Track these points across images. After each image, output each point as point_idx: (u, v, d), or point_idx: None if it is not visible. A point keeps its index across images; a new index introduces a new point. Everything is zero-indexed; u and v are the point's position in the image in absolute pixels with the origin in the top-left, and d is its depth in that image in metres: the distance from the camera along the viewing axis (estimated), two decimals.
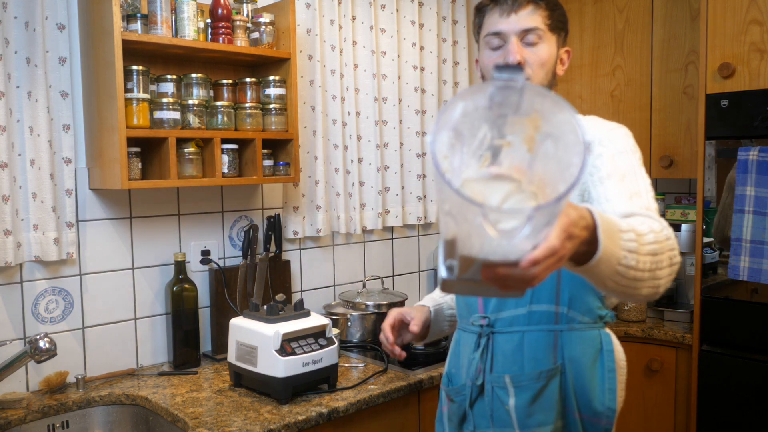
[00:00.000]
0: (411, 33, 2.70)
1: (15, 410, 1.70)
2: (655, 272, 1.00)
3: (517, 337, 1.32)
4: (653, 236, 1.00)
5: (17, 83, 1.77)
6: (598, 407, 1.28)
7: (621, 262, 0.93)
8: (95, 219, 1.95)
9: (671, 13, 2.55)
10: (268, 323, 1.74)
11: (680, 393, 2.33)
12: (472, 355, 1.36)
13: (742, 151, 2.04)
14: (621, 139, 1.28)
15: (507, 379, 1.30)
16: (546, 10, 1.33)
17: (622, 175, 1.21)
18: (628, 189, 1.19)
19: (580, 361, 1.29)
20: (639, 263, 0.96)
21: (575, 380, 1.29)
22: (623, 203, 1.16)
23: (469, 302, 1.40)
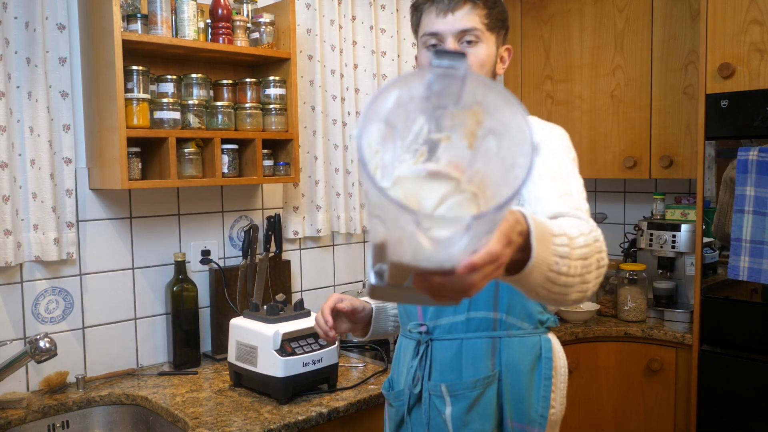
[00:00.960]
0: (411, 33, 2.69)
1: (15, 410, 1.70)
2: (584, 276, 0.97)
3: (455, 344, 1.31)
4: (583, 239, 0.97)
5: (17, 83, 1.77)
6: (532, 415, 1.27)
7: (552, 268, 0.89)
8: (95, 219, 1.95)
9: (671, 13, 2.55)
10: (268, 323, 1.74)
11: (680, 393, 2.33)
12: (411, 362, 1.35)
13: (742, 151, 2.04)
14: (556, 140, 1.26)
15: (443, 388, 1.29)
16: (484, 9, 1.29)
17: (554, 174, 1.19)
18: (559, 188, 1.16)
19: (518, 367, 1.28)
20: (570, 269, 0.92)
21: (512, 387, 1.28)
22: (553, 203, 1.13)
23: (408, 309, 1.38)
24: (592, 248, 0.98)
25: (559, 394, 1.31)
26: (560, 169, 1.20)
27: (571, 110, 2.86)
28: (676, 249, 2.49)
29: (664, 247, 2.52)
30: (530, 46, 3.00)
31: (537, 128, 1.27)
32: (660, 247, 2.53)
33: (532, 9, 2.98)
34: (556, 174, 1.19)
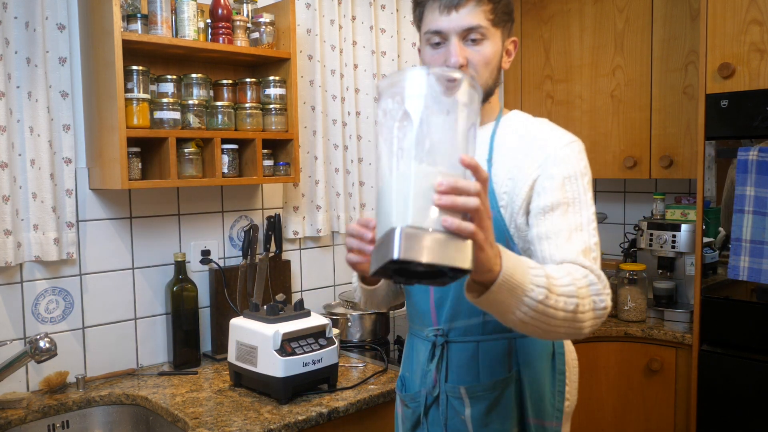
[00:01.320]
0: (411, 33, 2.70)
1: (15, 410, 1.70)
2: (576, 315, 1.05)
3: (471, 346, 1.30)
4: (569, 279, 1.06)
5: (17, 83, 1.77)
6: (548, 409, 1.29)
7: (528, 294, 0.99)
8: (95, 219, 1.95)
9: (671, 13, 2.55)
10: (268, 323, 1.74)
11: (680, 393, 2.33)
12: (428, 366, 1.34)
13: (742, 151, 2.04)
14: (573, 160, 1.24)
15: (462, 390, 1.29)
16: (489, 4, 1.24)
17: (567, 205, 1.20)
18: (569, 223, 1.18)
19: (535, 366, 1.29)
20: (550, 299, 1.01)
21: (530, 386, 1.29)
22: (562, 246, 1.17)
23: (422, 312, 1.37)
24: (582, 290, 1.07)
25: (573, 386, 1.33)
26: (575, 198, 1.21)
27: (571, 110, 2.86)
28: (676, 249, 2.49)
29: (664, 247, 2.52)
30: (530, 46, 3.00)
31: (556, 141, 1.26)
32: (660, 247, 2.53)
33: (532, 9, 2.98)
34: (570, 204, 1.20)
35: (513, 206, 1.25)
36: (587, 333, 1.11)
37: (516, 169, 1.25)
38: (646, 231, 2.58)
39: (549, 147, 1.25)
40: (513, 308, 1.01)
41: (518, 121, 1.34)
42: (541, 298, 1.01)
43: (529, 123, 1.33)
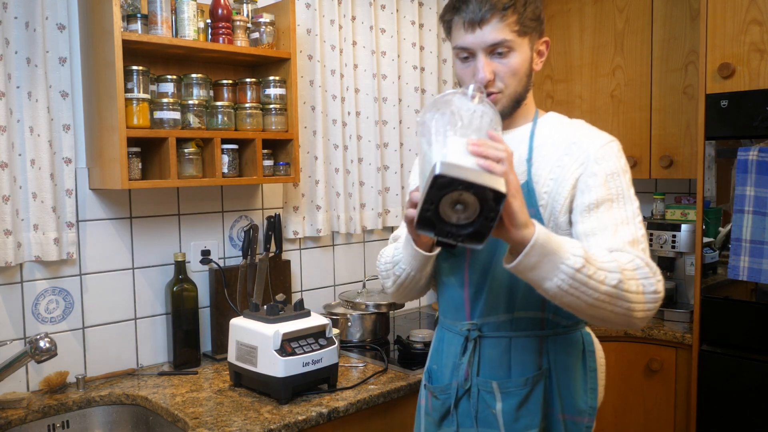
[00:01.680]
0: (411, 33, 2.70)
1: (15, 410, 1.70)
2: (621, 291, 1.11)
3: (504, 342, 1.34)
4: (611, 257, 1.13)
5: (17, 83, 1.77)
6: (581, 406, 1.33)
7: (565, 261, 1.07)
8: (95, 219, 1.95)
9: (671, 13, 2.55)
10: (268, 323, 1.74)
11: (680, 393, 2.33)
12: (460, 359, 1.37)
13: (742, 151, 2.04)
14: (614, 158, 1.28)
15: (494, 386, 1.33)
16: (514, 15, 1.26)
17: (612, 201, 1.24)
18: (615, 218, 1.22)
19: (565, 363, 1.33)
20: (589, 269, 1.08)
21: (560, 382, 1.33)
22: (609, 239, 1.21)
23: (457, 307, 1.39)
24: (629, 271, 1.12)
25: (601, 384, 1.38)
26: (618, 194, 1.25)
27: (571, 110, 2.86)
28: (676, 249, 2.49)
29: (664, 247, 2.52)
30: None
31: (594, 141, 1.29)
32: (660, 247, 2.53)
33: None
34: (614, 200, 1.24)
35: (554, 205, 1.29)
36: (641, 320, 1.15)
37: (558, 169, 1.29)
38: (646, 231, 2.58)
39: (590, 146, 1.28)
40: (550, 274, 1.08)
41: (556, 122, 1.37)
42: (579, 266, 1.07)
43: (567, 124, 1.37)
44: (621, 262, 1.14)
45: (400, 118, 2.68)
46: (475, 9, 1.25)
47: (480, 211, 0.99)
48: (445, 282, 1.41)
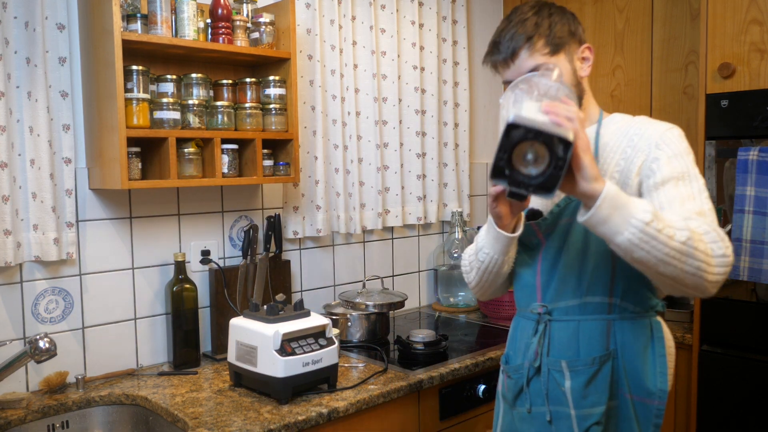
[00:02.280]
0: (411, 33, 2.70)
1: (15, 410, 1.70)
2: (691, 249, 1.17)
3: (572, 325, 1.42)
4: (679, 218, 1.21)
5: (17, 83, 1.77)
6: (651, 388, 1.38)
7: (635, 215, 1.14)
8: (95, 219, 1.95)
9: (671, 13, 2.55)
10: (268, 323, 1.74)
11: (680, 393, 2.33)
12: (531, 339, 1.46)
13: (742, 151, 2.04)
14: (676, 141, 1.35)
15: (563, 364, 1.41)
16: (541, 38, 1.37)
17: (677, 179, 1.30)
18: (681, 193, 1.29)
19: (632, 346, 1.39)
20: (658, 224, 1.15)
21: (627, 364, 1.39)
22: (677, 210, 1.26)
23: (529, 292, 1.49)
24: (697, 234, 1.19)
25: (671, 370, 1.42)
26: (683, 172, 1.31)
27: None
28: None
29: None
30: None
31: (656, 129, 1.37)
32: None
33: None
34: (679, 177, 1.30)
35: None
36: (712, 283, 1.21)
37: (623, 161, 1.38)
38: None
39: (651, 135, 1.36)
40: (621, 228, 1.16)
41: (620, 121, 1.46)
42: (648, 219, 1.15)
43: (629, 120, 1.44)
44: (690, 224, 1.20)
45: (400, 118, 2.68)
46: (504, 48, 1.39)
47: (549, 161, 1.09)
48: (519, 272, 1.52)
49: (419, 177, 2.74)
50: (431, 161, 2.79)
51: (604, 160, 1.41)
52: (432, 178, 2.80)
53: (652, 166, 1.33)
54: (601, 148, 1.43)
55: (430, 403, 1.95)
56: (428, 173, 2.79)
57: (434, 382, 1.92)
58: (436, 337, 2.10)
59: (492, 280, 1.51)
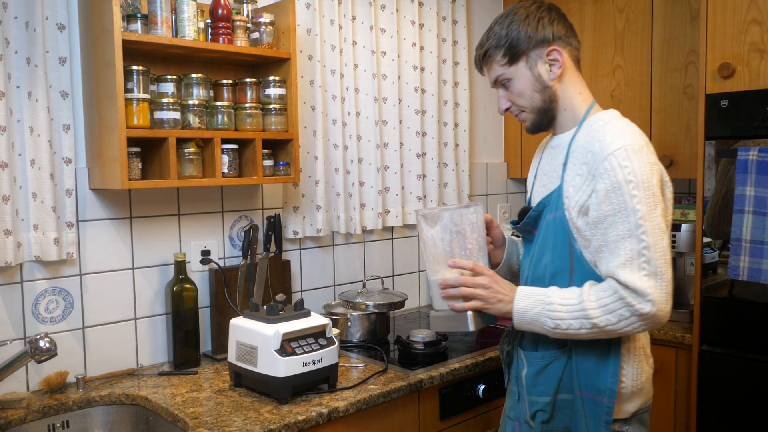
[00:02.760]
0: (411, 33, 2.70)
1: (15, 410, 1.70)
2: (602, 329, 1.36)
3: None
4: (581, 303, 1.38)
5: (17, 83, 1.77)
6: (600, 387, 1.43)
7: (542, 326, 1.42)
8: (95, 219, 1.95)
9: (671, 13, 2.55)
10: (268, 323, 1.74)
11: (680, 393, 2.33)
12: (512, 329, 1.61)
13: (742, 151, 2.04)
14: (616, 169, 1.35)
15: (522, 354, 1.55)
16: (496, 51, 1.50)
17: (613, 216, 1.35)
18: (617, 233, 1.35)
19: (587, 346, 1.45)
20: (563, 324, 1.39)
21: (580, 363, 1.46)
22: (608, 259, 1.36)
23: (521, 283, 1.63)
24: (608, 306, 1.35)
25: (632, 370, 1.46)
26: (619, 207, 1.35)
27: None
28: (676, 249, 2.49)
29: None
30: None
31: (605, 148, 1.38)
32: None
33: None
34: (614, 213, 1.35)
35: (572, 210, 1.43)
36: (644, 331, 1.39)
37: (578, 177, 1.43)
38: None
39: (598, 158, 1.38)
40: (540, 332, 1.44)
41: (595, 126, 1.47)
42: (552, 326, 1.40)
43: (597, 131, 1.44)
44: (594, 304, 1.35)
45: (400, 118, 2.68)
46: (476, 59, 1.59)
47: None
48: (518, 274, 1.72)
49: (419, 177, 2.74)
50: (431, 161, 2.79)
51: (569, 170, 1.46)
52: (432, 178, 2.80)
53: (591, 198, 1.38)
54: (571, 155, 1.47)
55: (430, 403, 1.95)
56: (428, 173, 2.79)
57: (434, 382, 1.92)
58: (436, 337, 2.10)
59: None
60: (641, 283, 1.31)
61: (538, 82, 1.48)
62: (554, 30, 1.47)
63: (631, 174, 1.33)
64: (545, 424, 1.50)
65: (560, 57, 1.47)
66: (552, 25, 1.48)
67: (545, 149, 1.62)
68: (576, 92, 1.51)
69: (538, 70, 1.47)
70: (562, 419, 1.50)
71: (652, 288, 1.31)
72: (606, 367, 1.43)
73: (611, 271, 1.34)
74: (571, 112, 1.51)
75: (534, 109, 1.51)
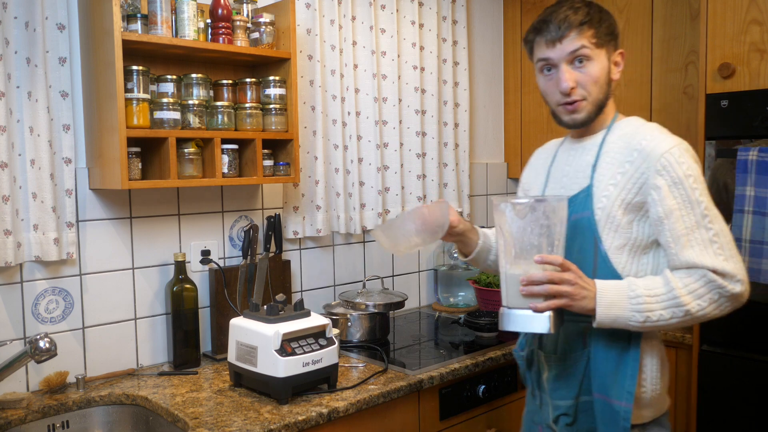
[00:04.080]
0: (411, 33, 2.70)
1: (15, 410, 1.70)
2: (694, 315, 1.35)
3: None
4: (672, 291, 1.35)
5: (17, 83, 1.77)
6: (617, 390, 1.42)
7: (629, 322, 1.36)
8: (95, 219, 1.95)
9: (671, 13, 2.55)
10: (268, 323, 1.74)
11: (680, 393, 2.33)
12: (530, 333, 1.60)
13: (742, 151, 2.04)
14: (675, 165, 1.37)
15: (542, 357, 1.54)
16: (591, 28, 1.42)
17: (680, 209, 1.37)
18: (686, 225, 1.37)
19: (607, 350, 1.45)
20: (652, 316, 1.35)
21: (599, 366, 1.45)
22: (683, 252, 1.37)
23: None
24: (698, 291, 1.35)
25: (652, 373, 1.46)
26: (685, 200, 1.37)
27: None
28: None
29: None
30: None
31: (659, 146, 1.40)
32: None
33: (532, 9, 2.98)
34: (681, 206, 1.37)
35: (613, 208, 1.42)
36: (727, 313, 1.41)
37: (620, 175, 1.43)
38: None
39: (652, 156, 1.39)
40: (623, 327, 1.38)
41: (627, 129, 1.48)
42: (642, 320, 1.35)
43: (635, 131, 1.46)
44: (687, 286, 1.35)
45: (400, 118, 2.68)
46: (555, 28, 1.43)
47: None
48: None
49: (419, 177, 2.74)
50: (431, 161, 2.79)
51: (602, 171, 1.45)
52: (432, 178, 2.80)
53: (653, 195, 1.38)
54: (602, 156, 1.47)
55: (430, 403, 1.95)
56: (428, 173, 2.79)
57: (434, 382, 1.92)
58: None
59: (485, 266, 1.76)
60: (728, 266, 1.34)
61: (609, 75, 1.47)
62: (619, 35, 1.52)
63: (689, 169, 1.37)
64: (569, 427, 1.49)
65: (622, 61, 1.51)
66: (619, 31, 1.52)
67: (560, 150, 1.62)
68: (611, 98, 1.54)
69: (611, 64, 1.48)
70: (586, 421, 1.48)
71: (737, 269, 1.36)
72: (625, 369, 1.42)
73: (691, 261, 1.35)
74: (604, 115, 1.52)
75: (595, 100, 1.46)
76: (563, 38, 1.42)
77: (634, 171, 1.40)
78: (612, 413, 1.42)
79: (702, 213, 1.36)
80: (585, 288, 1.36)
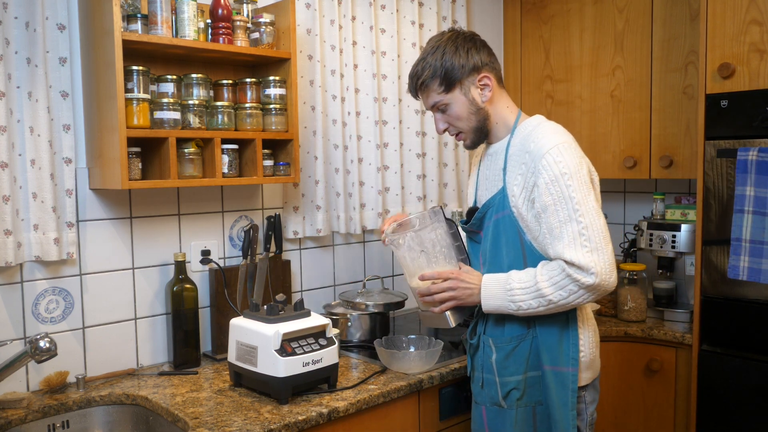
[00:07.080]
0: (411, 33, 2.70)
1: (15, 410, 1.70)
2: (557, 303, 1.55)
3: None
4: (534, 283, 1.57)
5: (17, 83, 1.77)
6: (563, 358, 1.63)
7: (506, 310, 1.62)
8: (95, 219, 1.95)
9: (671, 13, 2.55)
10: (268, 323, 1.74)
11: (680, 393, 2.33)
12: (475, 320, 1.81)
13: (742, 151, 2.04)
14: (551, 166, 1.54)
15: (491, 341, 1.70)
16: (433, 81, 1.65)
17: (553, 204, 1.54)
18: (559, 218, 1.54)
19: (549, 327, 1.64)
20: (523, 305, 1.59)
21: (544, 341, 1.65)
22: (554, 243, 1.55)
23: None
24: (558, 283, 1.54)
25: (587, 341, 1.68)
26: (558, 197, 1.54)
27: (571, 110, 2.86)
28: (676, 249, 2.49)
29: (664, 247, 2.52)
30: (530, 46, 3.00)
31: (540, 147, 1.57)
32: (660, 247, 2.54)
33: (532, 9, 2.99)
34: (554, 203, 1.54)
35: (519, 207, 1.61)
36: (591, 301, 1.57)
37: (519, 177, 1.61)
38: (646, 231, 2.59)
39: (535, 156, 1.57)
40: (508, 314, 1.63)
41: (526, 130, 1.66)
42: (515, 309, 1.60)
43: (530, 133, 1.64)
44: (549, 277, 1.55)
45: (400, 118, 2.68)
46: (411, 90, 1.73)
47: None
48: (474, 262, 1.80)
49: (419, 177, 2.74)
50: (431, 161, 2.79)
51: (510, 172, 1.64)
52: (432, 178, 2.80)
53: (535, 192, 1.57)
54: (509, 159, 1.66)
55: (430, 403, 1.95)
56: (428, 173, 2.79)
57: (434, 382, 1.92)
58: None
59: None
60: (584, 259, 1.50)
61: (473, 105, 1.67)
62: (481, 57, 1.66)
63: (565, 167, 1.54)
64: (519, 401, 1.67)
65: (490, 81, 1.67)
66: (479, 53, 1.66)
67: (484, 157, 1.80)
68: (504, 106, 1.71)
69: (472, 95, 1.66)
70: (534, 395, 1.67)
71: (594, 262, 1.51)
72: (567, 339, 1.63)
73: (558, 253, 1.54)
74: (503, 124, 1.71)
75: (471, 129, 1.69)
76: (419, 96, 1.71)
77: (526, 171, 1.59)
78: (561, 379, 1.62)
79: (573, 208, 1.52)
80: (468, 287, 1.65)
